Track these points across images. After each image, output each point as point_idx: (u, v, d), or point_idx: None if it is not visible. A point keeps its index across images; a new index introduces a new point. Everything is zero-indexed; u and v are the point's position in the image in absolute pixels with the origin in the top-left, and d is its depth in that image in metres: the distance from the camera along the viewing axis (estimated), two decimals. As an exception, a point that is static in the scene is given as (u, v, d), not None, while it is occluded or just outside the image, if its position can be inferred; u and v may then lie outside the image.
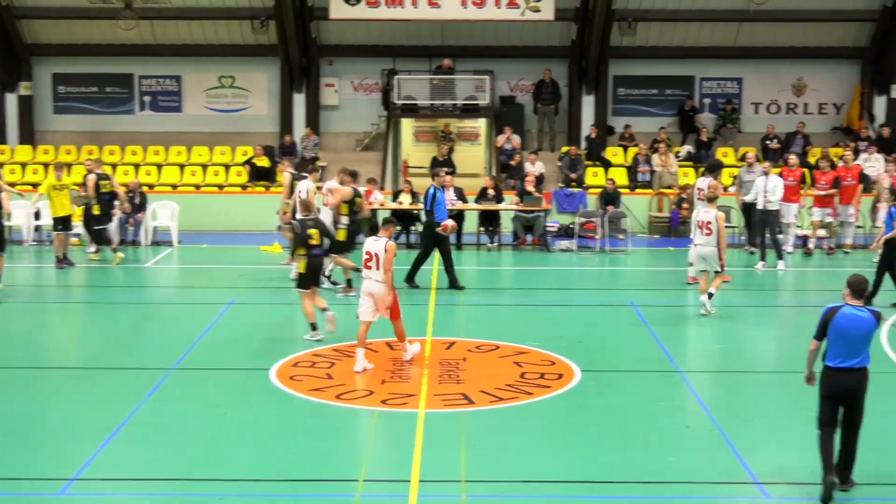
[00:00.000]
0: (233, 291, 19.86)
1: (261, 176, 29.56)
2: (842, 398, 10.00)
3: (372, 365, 14.21)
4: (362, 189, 20.66)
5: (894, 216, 18.11)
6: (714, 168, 22.33)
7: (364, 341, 14.31)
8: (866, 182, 26.41)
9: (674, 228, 27.71)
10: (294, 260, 16.75)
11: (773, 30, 31.20)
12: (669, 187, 28.80)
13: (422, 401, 12.76)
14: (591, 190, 28.59)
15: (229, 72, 32.06)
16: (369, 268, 14.27)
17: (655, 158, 29.38)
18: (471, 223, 25.84)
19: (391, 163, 31.02)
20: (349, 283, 19.40)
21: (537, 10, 29.65)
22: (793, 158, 25.05)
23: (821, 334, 10.05)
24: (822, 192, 24.59)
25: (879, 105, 31.95)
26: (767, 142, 30.45)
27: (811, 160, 28.75)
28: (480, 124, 32.43)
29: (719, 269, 17.90)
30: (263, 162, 29.84)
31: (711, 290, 17.75)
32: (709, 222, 17.82)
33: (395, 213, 25.70)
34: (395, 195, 26.46)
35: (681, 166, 29.74)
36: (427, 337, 15.98)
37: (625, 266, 23.70)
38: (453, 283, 19.74)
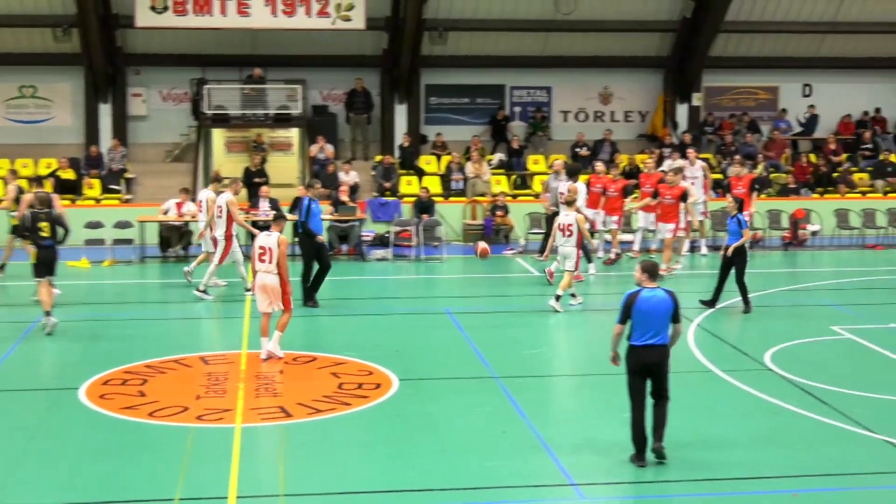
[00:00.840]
0: (38, 309, 19.17)
1: (66, 189, 28.67)
2: (647, 372, 10.96)
3: (282, 354, 15.15)
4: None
5: (744, 224, 18.54)
6: (573, 172, 23.21)
7: (266, 331, 15.17)
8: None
9: (487, 236, 28.04)
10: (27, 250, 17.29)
11: (580, 39, 31.98)
12: (483, 195, 29.18)
13: (238, 415, 12.59)
14: (405, 199, 28.73)
15: (30, 81, 30.99)
16: (263, 262, 15.14)
17: (469, 167, 29.73)
18: (285, 233, 25.55)
19: (202, 174, 30.49)
20: None
21: (348, 20, 29.66)
22: (599, 165, 25.62)
23: (624, 318, 10.99)
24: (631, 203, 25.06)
25: (681, 113, 33.13)
26: (577, 149, 31.18)
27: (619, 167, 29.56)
28: (293, 134, 32.23)
29: (573, 269, 18.97)
30: (69, 174, 29.01)
31: (559, 291, 18.72)
32: (570, 224, 18.92)
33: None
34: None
35: (493, 174, 30.19)
36: (242, 350, 15.78)
37: (440, 274, 23.91)
38: (308, 298, 19.17)
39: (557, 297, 18.68)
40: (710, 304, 18.82)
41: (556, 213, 23.91)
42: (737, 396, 13.59)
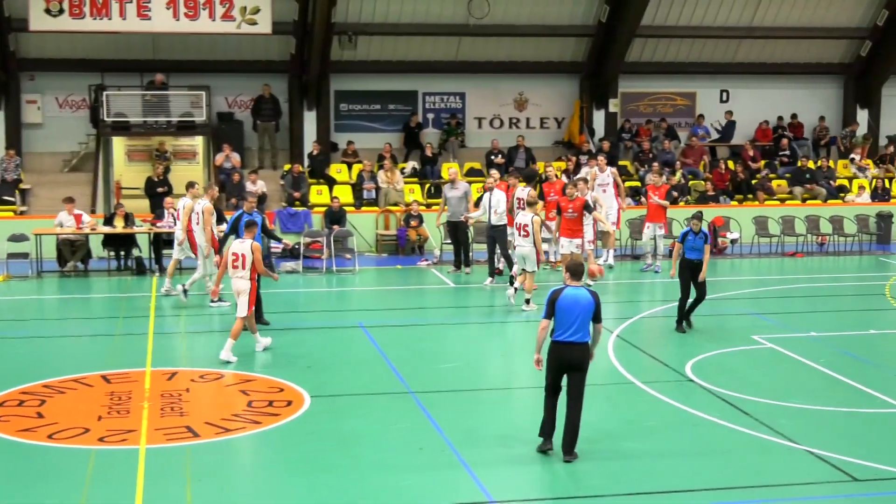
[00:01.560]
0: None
1: (-44, 200, 28.15)
2: (567, 369, 11.58)
3: (235, 359, 15.99)
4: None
5: (708, 239, 18.13)
6: (531, 178, 23.98)
7: (253, 329, 16.72)
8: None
9: (401, 246, 28.06)
10: None
11: (494, 44, 32.16)
12: (395, 204, 29.18)
13: (142, 436, 12.42)
14: (315, 209, 28.63)
15: (-83, 88, 30.38)
16: (236, 267, 16.34)
17: (381, 175, 29.71)
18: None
19: (102, 184, 30.09)
20: None
21: (254, 24, 29.46)
22: (495, 173, 25.20)
23: (549, 313, 11.63)
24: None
25: (598, 119, 33.45)
26: (492, 157, 31.31)
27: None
28: (197, 142, 31.95)
29: (535, 269, 20.07)
30: (-41, 185, 28.48)
31: (527, 296, 19.94)
32: (525, 224, 19.98)
33: (109, 237, 25.01)
34: (109, 219, 25.64)
35: (406, 183, 30.20)
36: (146, 368, 15.58)
37: (352, 286, 23.84)
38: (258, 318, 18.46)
39: (527, 301, 19.85)
40: (685, 326, 18.30)
41: (455, 223, 24.03)
42: (658, 408, 13.72)
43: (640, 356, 16.55)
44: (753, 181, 31.97)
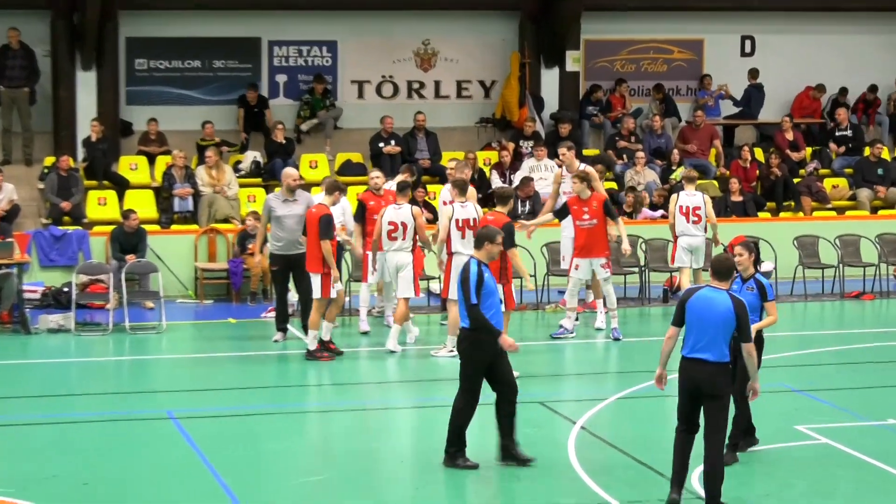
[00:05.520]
0: None
1: None
2: (697, 394, 13.51)
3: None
4: None
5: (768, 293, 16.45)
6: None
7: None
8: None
9: (235, 288, 27.74)
10: None
11: (381, -35, 32.36)
12: (227, 220, 28.99)
13: None
14: (96, 228, 28.41)
15: None
16: (394, 238, 20.98)
17: (202, 173, 29.55)
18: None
19: None
20: None
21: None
22: (377, 174, 25.19)
23: (678, 320, 13.58)
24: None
25: (549, 82, 33.44)
26: (381, 144, 31.18)
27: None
28: None
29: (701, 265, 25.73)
30: None
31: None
32: (697, 208, 25.45)
33: None
34: None
35: (243, 186, 30.04)
36: None
37: (157, 353, 23.78)
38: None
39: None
40: None
41: (294, 258, 23.85)
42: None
43: (618, 460, 16.55)
44: (796, 180, 32.23)
